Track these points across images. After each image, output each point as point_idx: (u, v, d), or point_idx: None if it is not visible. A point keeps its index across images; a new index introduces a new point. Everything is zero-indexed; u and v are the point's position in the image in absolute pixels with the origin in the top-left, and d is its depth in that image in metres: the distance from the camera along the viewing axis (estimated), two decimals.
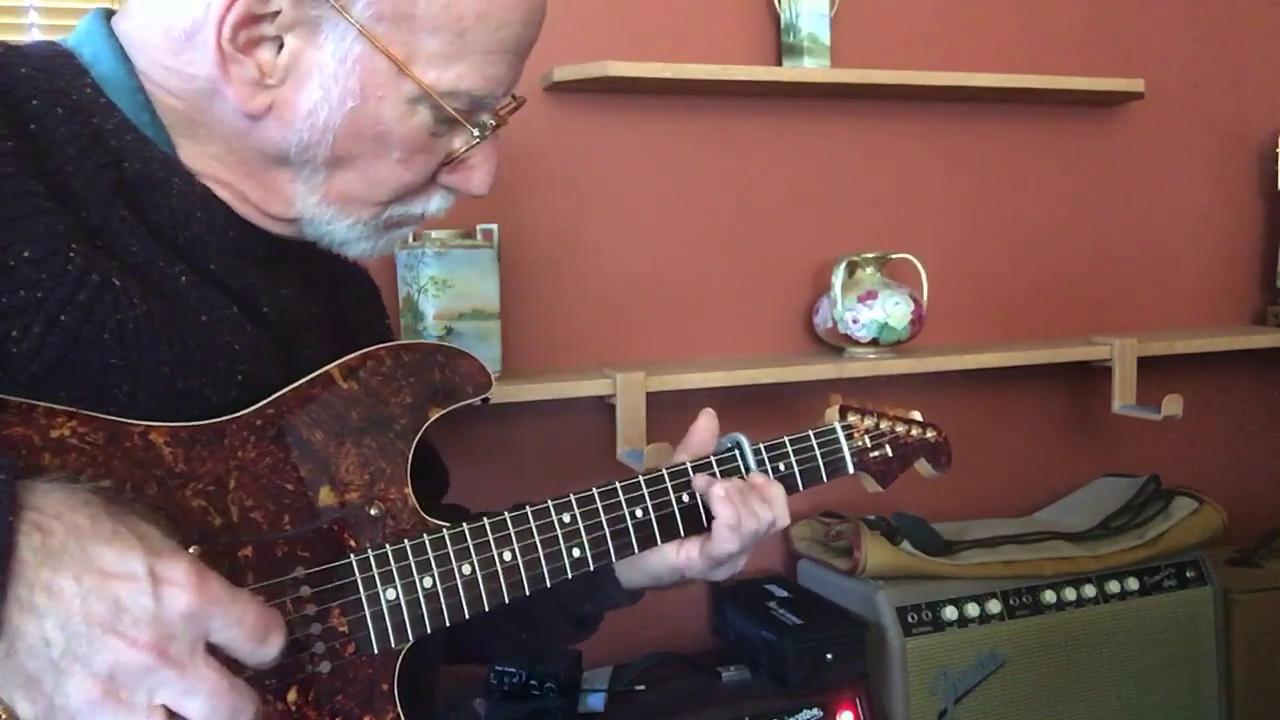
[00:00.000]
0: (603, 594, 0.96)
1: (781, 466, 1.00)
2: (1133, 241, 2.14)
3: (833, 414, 1.08)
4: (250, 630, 0.59)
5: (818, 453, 1.03)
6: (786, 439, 1.02)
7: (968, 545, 1.74)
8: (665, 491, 0.93)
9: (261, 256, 0.79)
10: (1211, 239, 2.20)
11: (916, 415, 1.14)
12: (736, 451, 0.98)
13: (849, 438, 1.06)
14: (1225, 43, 2.17)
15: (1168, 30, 2.12)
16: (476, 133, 0.78)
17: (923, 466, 1.12)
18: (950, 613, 1.65)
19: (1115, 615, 1.73)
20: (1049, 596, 1.71)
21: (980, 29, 1.98)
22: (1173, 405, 1.82)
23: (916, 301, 1.78)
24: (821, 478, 1.04)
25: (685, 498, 0.93)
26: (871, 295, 1.77)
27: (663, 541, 0.92)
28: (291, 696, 0.71)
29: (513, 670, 1.50)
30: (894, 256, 1.83)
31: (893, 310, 1.76)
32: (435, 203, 0.82)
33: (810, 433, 1.04)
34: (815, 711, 1.55)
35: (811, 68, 1.78)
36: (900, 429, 1.11)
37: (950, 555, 1.71)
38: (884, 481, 1.09)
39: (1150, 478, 1.93)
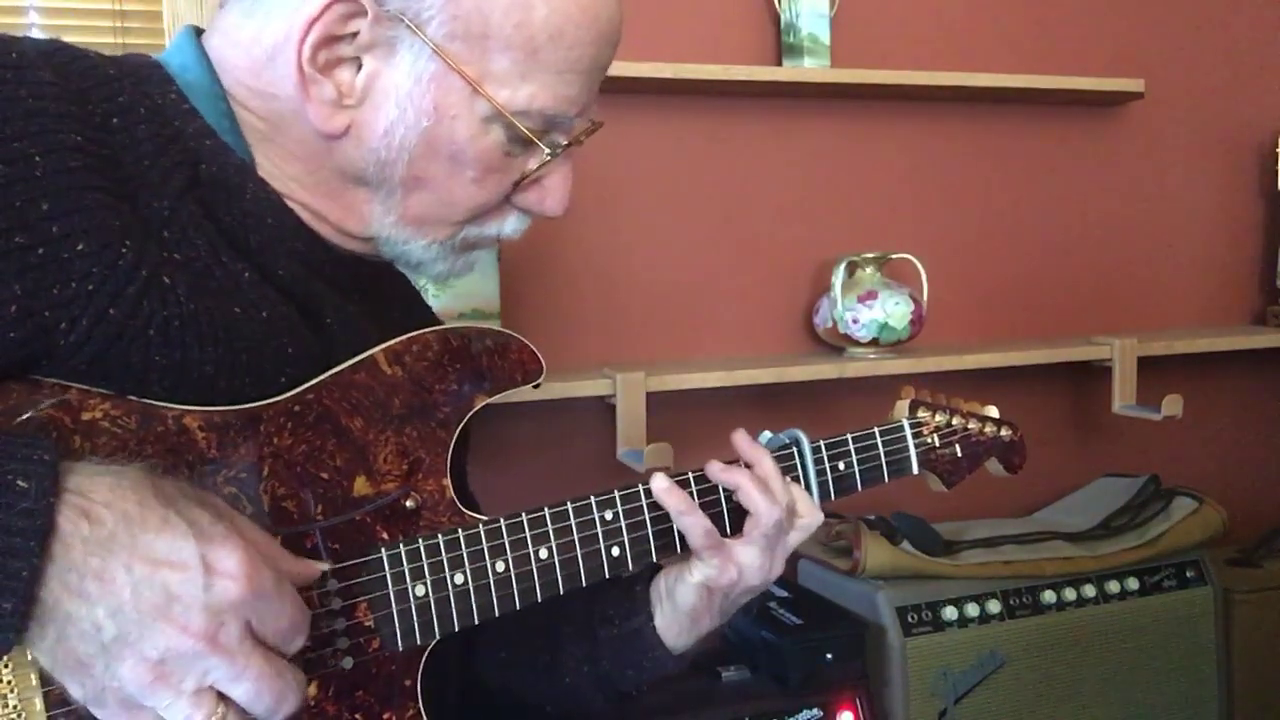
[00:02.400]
0: (646, 654, 0.91)
1: (841, 466, 0.95)
2: (1133, 241, 2.14)
3: (902, 408, 1.01)
4: (285, 629, 0.61)
5: (882, 451, 0.98)
6: (849, 436, 0.96)
7: (968, 545, 1.74)
8: (715, 489, 0.89)
9: (329, 276, 0.80)
10: (1211, 239, 2.20)
11: (992, 411, 1.07)
12: (794, 449, 0.93)
13: (917, 435, 1.00)
14: (1225, 43, 2.17)
15: (1168, 30, 2.12)
16: (549, 152, 0.78)
17: (993, 466, 1.06)
18: (950, 613, 1.65)
19: (1115, 615, 1.73)
20: (1049, 596, 1.70)
21: (980, 29, 1.98)
22: (1173, 405, 1.82)
23: (916, 301, 1.78)
24: (883, 478, 0.98)
25: (735, 496, 0.88)
26: (871, 295, 1.77)
27: None
28: (311, 691, 0.70)
29: None
30: (894, 256, 1.83)
31: (893, 310, 1.76)
32: (510, 224, 0.83)
33: (876, 429, 0.98)
34: (815, 711, 1.54)
35: (811, 68, 1.78)
36: (973, 426, 1.03)
37: (950, 555, 1.71)
38: (949, 482, 1.03)
39: (1150, 478, 1.92)
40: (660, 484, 0.85)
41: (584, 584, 0.82)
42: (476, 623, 0.77)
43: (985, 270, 2.03)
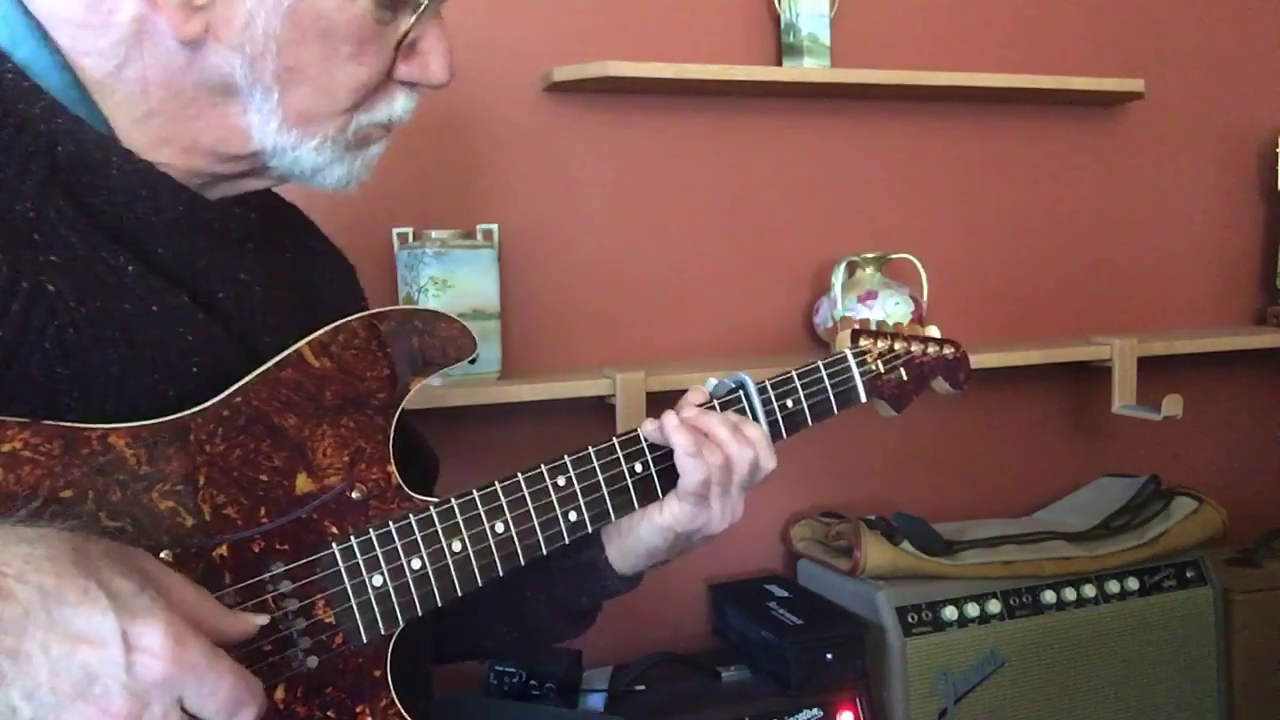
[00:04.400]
0: (599, 583, 0.93)
1: (789, 403, 0.96)
2: (1133, 241, 2.14)
3: (844, 339, 1.03)
4: (222, 702, 0.57)
5: (828, 384, 0.99)
6: (794, 373, 0.97)
7: (968, 545, 1.74)
8: (643, 452, 0.89)
9: (217, 230, 0.76)
10: (1211, 239, 2.20)
11: (934, 331, 1.09)
12: (741, 392, 0.94)
13: (861, 364, 1.01)
14: (1225, 43, 2.17)
15: (1168, 30, 2.12)
16: (424, 3, 0.74)
17: (940, 385, 1.07)
18: (950, 613, 1.65)
19: (1115, 615, 1.73)
20: (1049, 596, 1.70)
21: (980, 29, 1.98)
22: (1173, 405, 1.82)
23: (916, 301, 1.78)
24: (833, 410, 0.99)
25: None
26: (871, 295, 1.77)
27: (664, 495, 0.88)
28: (279, 694, 0.69)
29: (512, 670, 1.50)
30: (894, 256, 1.83)
31: (893, 310, 1.76)
32: (400, 104, 0.79)
33: (820, 364, 0.99)
34: (815, 711, 1.55)
35: (811, 68, 1.77)
36: (916, 348, 1.05)
37: (950, 555, 1.71)
38: (898, 406, 1.04)
39: (1150, 478, 1.92)
40: (672, 421, 0.86)
41: (544, 552, 0.82)
42: (440, 605, 0.76)
43: (985, 270, 2.03)
